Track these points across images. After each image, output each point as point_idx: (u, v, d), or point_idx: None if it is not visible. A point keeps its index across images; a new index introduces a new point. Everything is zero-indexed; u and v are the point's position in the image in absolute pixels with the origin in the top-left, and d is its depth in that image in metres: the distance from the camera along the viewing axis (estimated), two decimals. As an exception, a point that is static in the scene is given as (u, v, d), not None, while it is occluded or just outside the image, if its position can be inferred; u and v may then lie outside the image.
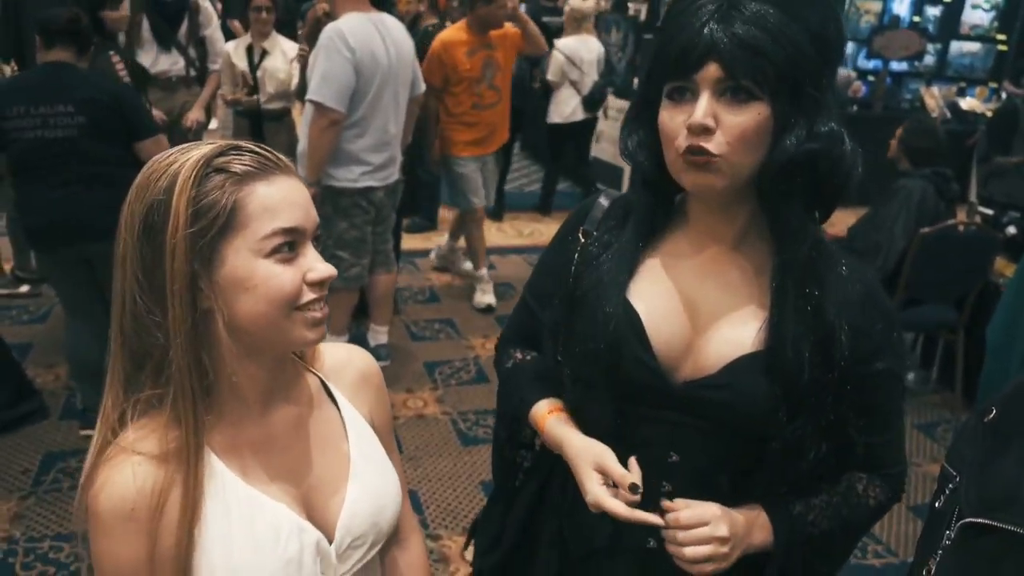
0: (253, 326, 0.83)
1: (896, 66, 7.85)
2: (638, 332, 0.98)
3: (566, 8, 5.87)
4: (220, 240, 0.80)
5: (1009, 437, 0.65)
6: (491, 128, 4.27)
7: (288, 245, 0.82)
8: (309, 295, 0.84)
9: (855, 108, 7.22)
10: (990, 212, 3.88)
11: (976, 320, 3.52)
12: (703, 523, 0.94)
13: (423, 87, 3.46)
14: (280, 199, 0.83)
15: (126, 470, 0.82)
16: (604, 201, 1.10)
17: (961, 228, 3.42)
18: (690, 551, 0.93)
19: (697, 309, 0.99)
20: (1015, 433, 0.65)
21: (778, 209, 0.94)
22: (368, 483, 0.96)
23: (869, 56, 7.78)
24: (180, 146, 0.85)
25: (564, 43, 5.58)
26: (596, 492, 0.96)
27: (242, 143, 0.84)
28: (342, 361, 1.03)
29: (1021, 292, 3.28)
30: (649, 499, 0.96)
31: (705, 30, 0.87)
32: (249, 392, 0.88)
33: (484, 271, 4.46)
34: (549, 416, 1.09)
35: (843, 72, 7.32)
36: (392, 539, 1.06)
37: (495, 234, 5.79)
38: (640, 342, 0.98)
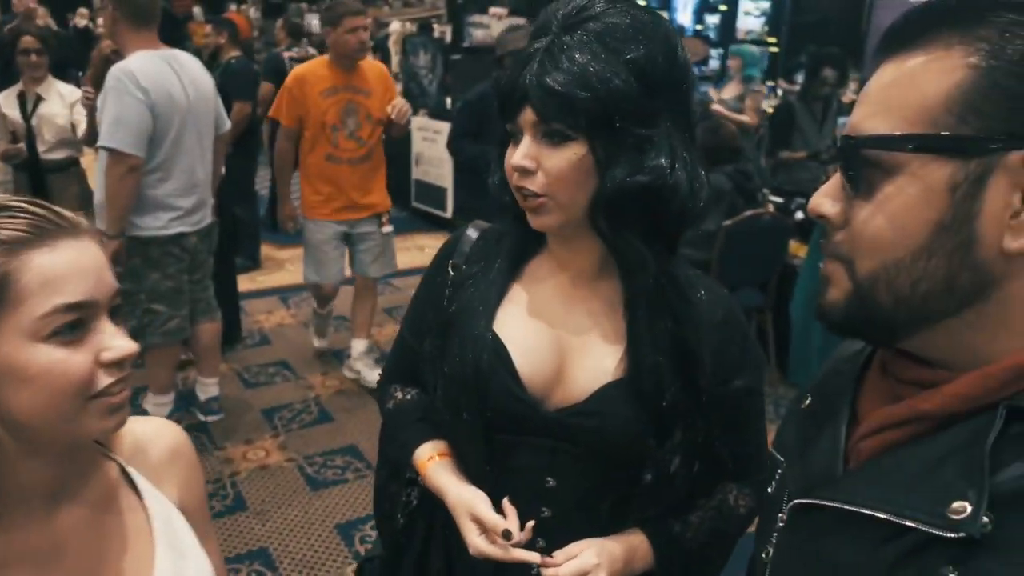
0: (35, 421, 0.72)
1: (686, 72, 8.45)
2: (506, 362, 0.99)
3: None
4: None
5: (822, 422, 0.70)
6: (350, 188, 3.52)
7: (73, 324, 0.71)
8: (105, 379, 0.73)
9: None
10: (780, 200, 4.27)
11: (780, 299, 3.85)
12: (584, 574, 0.96)
13: (227, 124, 3.30)
14: (63, 269, 0.71)
15: None
16: (472, 233, 1.12)
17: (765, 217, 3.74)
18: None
19: (564, 338, 1.01)
20: (826, 417, 0.70)
21: (615, 243, 0.96)
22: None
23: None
24: None
25: None
26: (474, 542, 0.98)
27: (16, 203, 0.72)
28: (147, 438, 0.91)
29: (814, 270, 3.63)
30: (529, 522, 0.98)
31: (522, 77, 0.90)
32: (31, 493, 0.76)
33: (357, 343, 3.80)
34: (430, 463, 1.08)
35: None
36: None
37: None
38: (508, 372, 0.99)
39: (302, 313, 4.72)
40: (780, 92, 7.63)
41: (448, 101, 6.44)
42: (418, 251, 5.90)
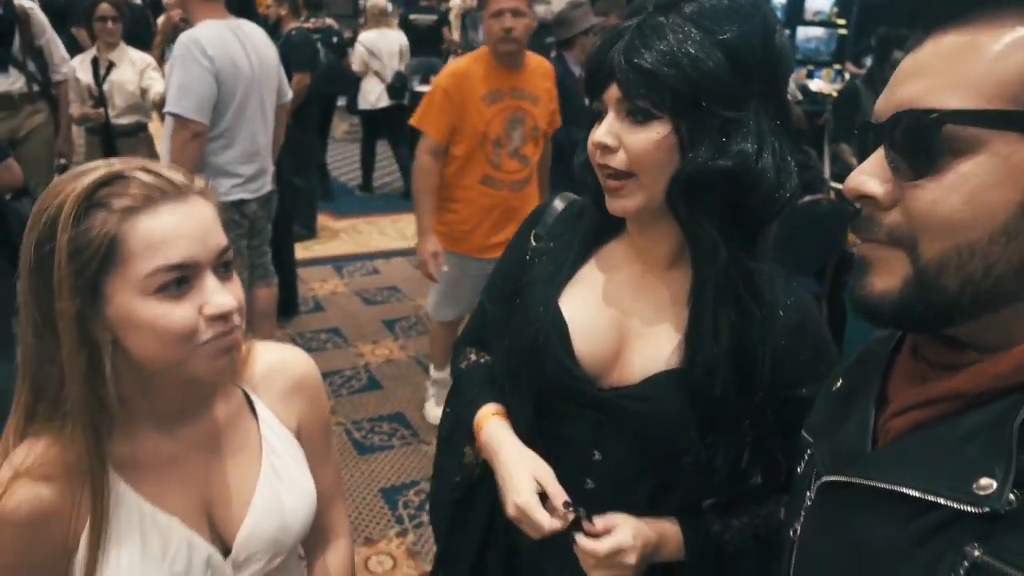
0: (151, 362, 0.82)
1: (750, 52, 8.26)
2: (563, 337, 1.01)
3: (368, 4, 6.42)
4: (101, 278, 0.78)
5: (852, 402, 0.70)
6: (506, 219, 2.81)
7: (178, 281, 0.80)
8: (209, 332, 0.81)
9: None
10: (840, 187, 4.16)
11: (836, 289, 3.77)
12: (619, 551, 0.98)
13: (290, 94, 3.36)
14: (166, 233, 0.79)
15: (19, 491, 0.82)
16: (559, 204, 1.13)
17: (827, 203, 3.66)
18: (598, 573, 0.99)
19: (627, 322, 1.02)
20: (856, 398, 0.70)
21: (690, 228, 0.93)
22: (273, 501, 0.95)
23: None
24: (70, 173, 0.82)
25: (365, 36, 6.29)
26: (528, 499, 0.98)
27: (130, 171, 0.80)
28: (274, 367, 1.02)
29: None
30: (572, 495, 1.00)
31: (610, 54, 0.90)
32: (159, 412, 0.88)
33: (437, 374, 3.26)
34: (492, 417, 1.11)
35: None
36: (319, 541, 1.09)
37: (378, 238, 5.73)
38: (564, 347, 1.00)
39: (355, 282, 4.82)
40: (847, 76, 7.41)
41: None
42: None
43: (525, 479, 1.00)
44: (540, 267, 1.06)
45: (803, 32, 9.13)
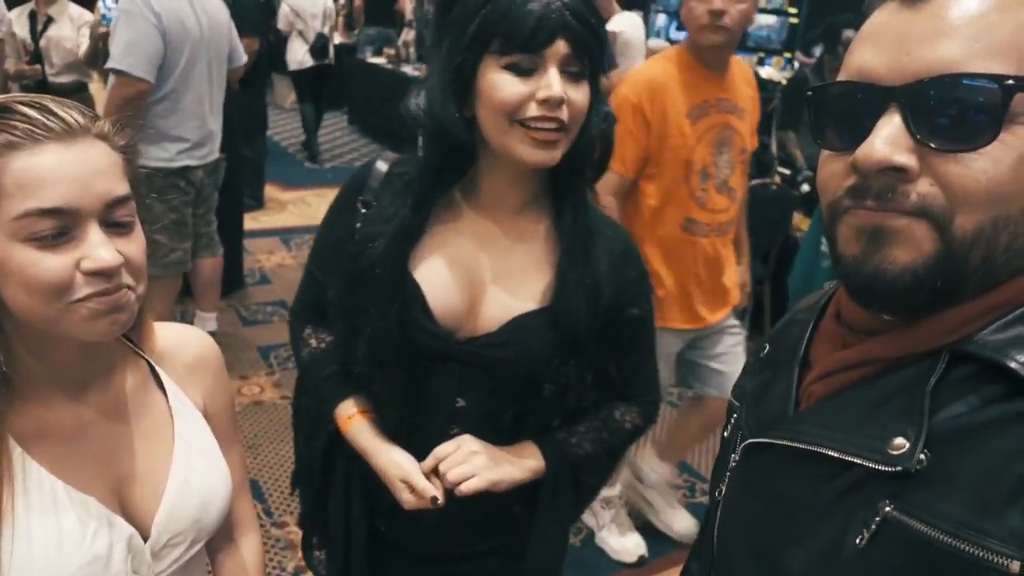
0: (24, 316, 0.74)
1: (703, 38, 8.34)
2: (419, 300, 1.03)
3: None
4: None
5: (777, 368, 0.72)
6: (710, 273, 2.12)
7: (56, 231, 0.71)
8: (85, 288, 0.73)
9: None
10: (788, 172, 4.26)
11: (779, 271, 3.87)
12: (456, 449, 1.05)
13: (243, 58, 3.26)
14: (43, 173, 0.70)
15: None
16: (382, 166, 1.09)
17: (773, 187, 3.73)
18: (454, 473, 1.03)
19: (477, 274, 1.05)
20: (781, 363, 0.72)
21: (574, 180, 1.04)
22: (192, 477, 0.89)
23: (679, 27, 8.23)
24: None
25: None
26: (410, 499, 1.05)
27: (18, 104, 0.72)
28: (175, 343, 0.95)
29: (816, 244, 3.63)
30: (441, 441, 1.06)
31: (552, 7, 0.91)
32: (60, 376, 0.81)
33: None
34: (351, 421, 1.12)
35: (659, 43, 7.69)
36: (225, 536, 1.01)
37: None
38: (423, 310, 1.02)
39: (303, 255, 4.72)
40: (797, 65, 7.54)
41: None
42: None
43: (399, 486, 1.06)
44: (378, 234, 1.03)
45: (756, 19, 9.26)
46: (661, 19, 9.47)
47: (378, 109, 7.89)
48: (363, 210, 1.07)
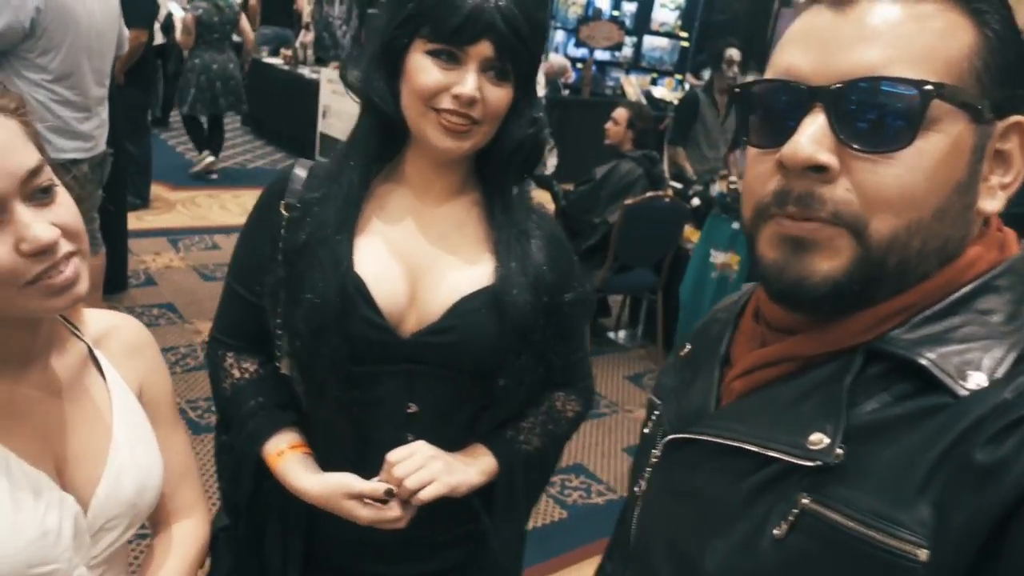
0: None
1: (600, 55, 8.60)
2: (363, 293, 0.99)
3: None
4: None
5: (698, 366, 0.75)
6: None
7: None
8: (33, 268, 0.70)
9: (567, 93, 7.80)
10: (679, 186, 4.44)
11: (671, 282, 4.02)
12: (410, 455, 0.99)
13: (125, 47, 3.12)
14: None
15: None
16: (300, 172, 1.07)
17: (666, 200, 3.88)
18: (412, 479, 0.97)
19: (415, 263, 1.03)
20: (702, 361, 0.74)
21: (501, 177, 1.06)
22: (130, 461, 0.87)
23: (577, 44, 8.45)
24: None
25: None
26: (364, 515, 0.98)
27: None
28: (107, 328, 0.93)
29: (705, 256, 3.81)
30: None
31: (485, 7, 0.91)
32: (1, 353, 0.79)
33: None
34: (281, 458, 1.04)
35: (558, 59, 7.86)
36: (174, 520, 1.00)
37: (218, 212, 5.45)
38: (366, 302, 0.99)
39: (192, 256, 4.57)
40: (687, 86, 7.88)
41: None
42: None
43: (347, 504, 0.98)
44: (313, 230, 1.00)
45: (649, 41, 9.60)
46: (560, 35, 9.67)
47: (274, 111, 7.69)
48: (286, 213, 1.03)
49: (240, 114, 7.05)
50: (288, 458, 1.04)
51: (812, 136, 0.55)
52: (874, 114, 0.54)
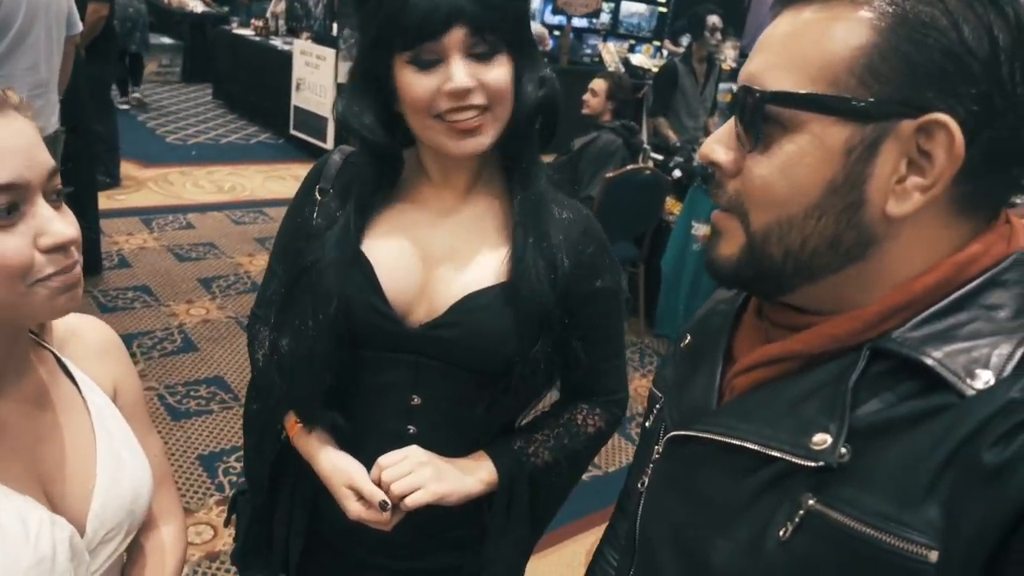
0: None
1: (577, 22, 8.49)
2: (371, 280, 0.99)
3: None
4: None
5: (699, 360, 0.74)
6: None
7: (8, 208, 0.67)
8: (49, 266, 0.70)
9: (546, 61, 7.70)
10: (660, 158, 4.40)
11: (653, 254, 4.01)
12: (402, 460, 1.00)
13: (80, 26, 3.02)
14: None
15: None
16: (337, 158, 1.09)
17: (647, 172, 3.85)
18: (398, 485, 0.97)
19: (429, 255, 1.01)
20: (704, 356, 0.73)
21: (520, 154, 1.00)
22: (121, 468, 0.85)
23: (554, 11, 8.32)
24: None
25: None
26: (353, 509, 1.00)
27: None
28: (70, 331, 0.90)
29: (687, 228, 3.79)
30: (397, 444, 1.01)
31: None
32: None
33: None
34: (299, 426, 1.07)
35: (536, 27, 7.74)
36: (150, 528, 0.98)
37: (191, 190, 5.35)
38: (374, 290, 0.99)
39: (166, 236, 4.48)
40: (666, 53, 7.80)
41: (334, 27, 6.16)
42: (295, 181, 5.69)
43: (345, 493, 1.00)
44: (330, 219, 1.02)
45: (626, 7, 9.47)
46: (536, 2, 9.53)
47: (245, 83, 7.53)
48: (319, 198, 1.05)
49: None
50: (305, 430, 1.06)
51: (716, 135, 0.63)
52: (748, 117, 0.59)
